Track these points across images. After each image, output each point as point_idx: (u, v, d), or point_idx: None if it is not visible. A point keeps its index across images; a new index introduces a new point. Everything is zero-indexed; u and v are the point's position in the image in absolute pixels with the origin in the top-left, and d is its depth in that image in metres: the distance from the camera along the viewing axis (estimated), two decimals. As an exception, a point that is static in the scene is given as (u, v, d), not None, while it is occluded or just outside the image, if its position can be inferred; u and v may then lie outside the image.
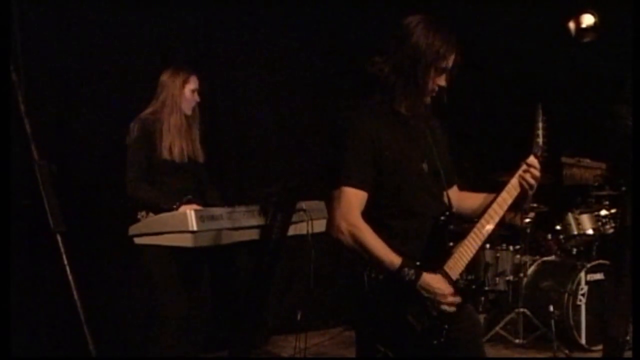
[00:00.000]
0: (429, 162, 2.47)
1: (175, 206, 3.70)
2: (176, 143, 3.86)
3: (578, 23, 5.93)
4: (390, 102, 2.43)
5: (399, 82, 2.38)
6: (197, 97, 3.99)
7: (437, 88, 2.43)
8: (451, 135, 2.65)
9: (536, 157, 2.52)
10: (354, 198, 2.35)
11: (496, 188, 2.55)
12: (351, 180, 2.35)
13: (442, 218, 2.41)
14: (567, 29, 5.96)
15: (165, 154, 3.83)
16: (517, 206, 2.54)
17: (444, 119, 2.60)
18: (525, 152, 2.53)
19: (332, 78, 5.80)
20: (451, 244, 2.51)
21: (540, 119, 2.56)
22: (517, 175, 2.50)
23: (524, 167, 2.50)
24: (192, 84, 3.96)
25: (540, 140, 2.54)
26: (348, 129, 2.40)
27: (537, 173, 2.49)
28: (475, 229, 2.46)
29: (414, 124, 2.45)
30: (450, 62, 2.40)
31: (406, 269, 2.30)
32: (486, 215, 2.47)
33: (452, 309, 2.36)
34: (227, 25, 5.30)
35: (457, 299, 2.37)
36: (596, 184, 5.26)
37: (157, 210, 3.72)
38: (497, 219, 2.47)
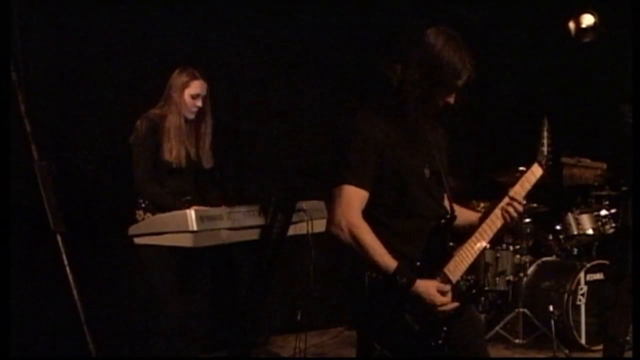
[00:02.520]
0: (431, 166, 2.48)
1: (184, 207, 3.69)
2: (174, 145, 3.82)
3: (578, 23, 5.93)
4: (400, 106, 2.43)
5: (413, 93, 2.38)
6: (198, 103, 3.89)
7: (445, 105, 2.45)
8: (452, 136, 2.66)
9: (540, 164, 2.56)
10: (355, 196, 2.37)
11: (495, 189, 2.57)
12: (353, 178, 2.37)
13: (443, 220, 2.43)
14: (567, 29, 5.96)
15: (166, 155, 3.82)
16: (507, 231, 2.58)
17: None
18: (529, 156, 2.57)
19: (333, 78, 5.80)
20: (451, 244, 2.52)
21: (545, 129, 2.59)
22: (499, 207, 2.51)
23: (507, 200, 2.51)
24: (193, 89, 3.87)
25: (544, 149, 2.59)
26: (354, 129, 2.43)
27: (519, 207, 2.51)
28: (477, 233, 2.47)
29: (419, 128, 2.46)
30: (463, 81, 2.41)
31: (399, 276, 2.31)
32: (466, 245, 2.47)
33: (446, 312, 2.35)
34: (228, 26, 5.30)
35: (453, 305, 2.37)
36: (596, 184, 5.26)
37: (164, 210, 3.72)
38: (480, 247, 2.48)
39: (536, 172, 2.58)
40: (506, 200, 2.51)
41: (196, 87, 3.89)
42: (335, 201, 2.39)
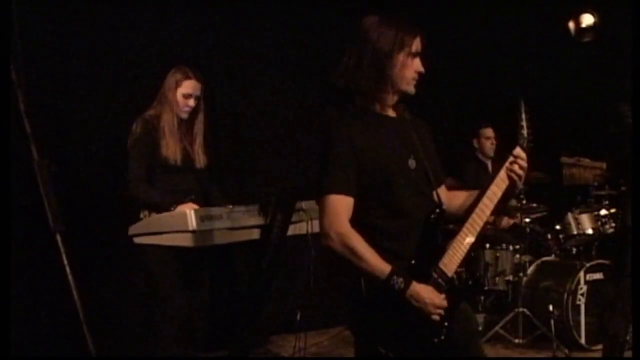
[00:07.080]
0: (416, 159, 2.47)
1: (173, 207, 3.69)
2: (170, 142, 3.83)
3: (578, 23, 5.93)
4: (368, 104, 2.44)
5: (369, 82, 2.38)
6: (190, 103, 3.88)
7: (417, 76, 2.44)
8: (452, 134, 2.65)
9: (522, 147, 2.55)
10: (339, 205, 2.34)
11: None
12: (335, 187, 2.35)
13: (433, 216, 2.42)
14: (567, 29, 5.97)
15: (163, 152, 3.83)
16: (506, 198, 2.58)
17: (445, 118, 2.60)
18: (512, 144, 2.56)
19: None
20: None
21: (523, 110, 2.59)
22: (504, 168, 2.53)
23: (511, 159, 2.52)
24: (185, 89, 3.87)
25: (525, 131, 2.57)
26: (328, 136, 2.39)
27: (524, 164, 2.52)
28: (467, 224, 2.46)
29: (396, 123, 2.46)
30: (417, 46, 2.41)
31: (395, 277, 2.29)
32: (477, 210, 2.48)
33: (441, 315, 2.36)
34: (228, 26, 5.30)
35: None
36: (596, 184, 5.26)
37: (158, 211, 3.72)
38: (488, 213, 2.49)
39: (519, 155, 2.56)
40: (510, 159, 2.51)
41: (188, 86, 3.88)
42: (322, 213, 2.37)
